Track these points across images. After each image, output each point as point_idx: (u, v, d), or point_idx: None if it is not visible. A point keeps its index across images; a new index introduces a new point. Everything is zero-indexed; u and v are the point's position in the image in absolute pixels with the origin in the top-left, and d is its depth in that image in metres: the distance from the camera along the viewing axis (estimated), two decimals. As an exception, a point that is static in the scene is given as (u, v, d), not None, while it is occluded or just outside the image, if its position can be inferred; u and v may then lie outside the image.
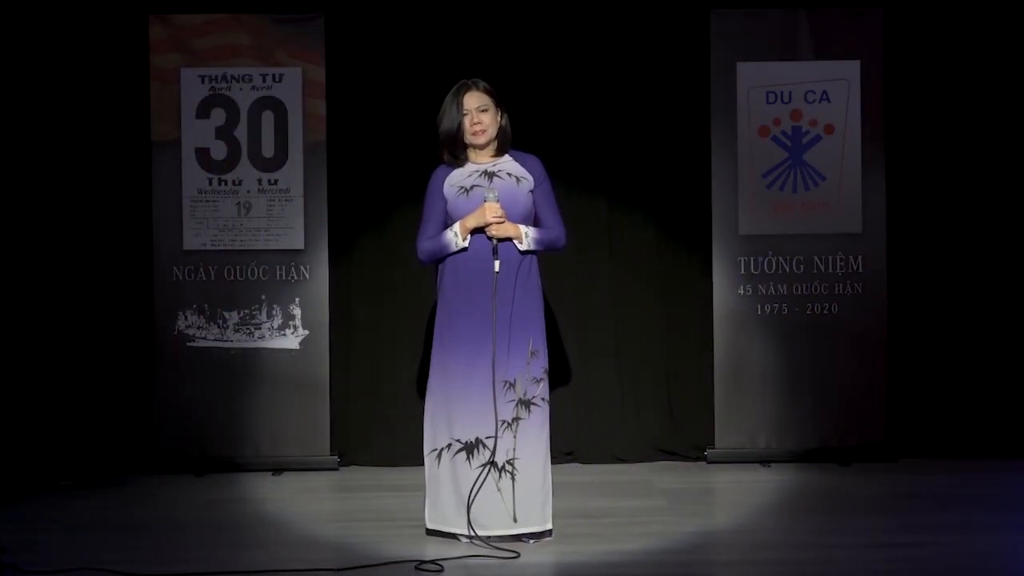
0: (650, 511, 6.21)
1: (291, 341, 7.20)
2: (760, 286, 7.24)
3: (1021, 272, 7.34)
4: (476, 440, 5.47)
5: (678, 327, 7.41)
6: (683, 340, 7.40)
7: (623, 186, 7.38)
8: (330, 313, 7.23)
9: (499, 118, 5.60)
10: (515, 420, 5.48)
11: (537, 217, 5.60)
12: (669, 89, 7.36)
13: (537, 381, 5.52)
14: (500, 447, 5.46)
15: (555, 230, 5.61)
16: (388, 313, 7.35)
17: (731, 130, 7.23)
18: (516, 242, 5.50)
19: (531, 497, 5.49)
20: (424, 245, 5.60)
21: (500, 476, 5.47)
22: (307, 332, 7.20)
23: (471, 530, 5.46)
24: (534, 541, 5.50)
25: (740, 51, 7.22)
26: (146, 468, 7.15)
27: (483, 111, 5.56)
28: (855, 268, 7.22)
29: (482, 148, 5.60)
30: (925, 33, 7.31)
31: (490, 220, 5.45)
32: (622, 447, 7.32)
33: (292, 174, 7.21)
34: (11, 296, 7.25)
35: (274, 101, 7.21)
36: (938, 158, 7.35)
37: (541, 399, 5.53)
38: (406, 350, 7.32)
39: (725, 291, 7.24)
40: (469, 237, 5.49)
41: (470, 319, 5.49)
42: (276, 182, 7.21)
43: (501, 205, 5.47)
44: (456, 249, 5.51)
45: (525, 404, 5.50)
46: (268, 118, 7.21)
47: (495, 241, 5.47)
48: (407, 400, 7.27)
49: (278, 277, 7.21)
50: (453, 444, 5.49)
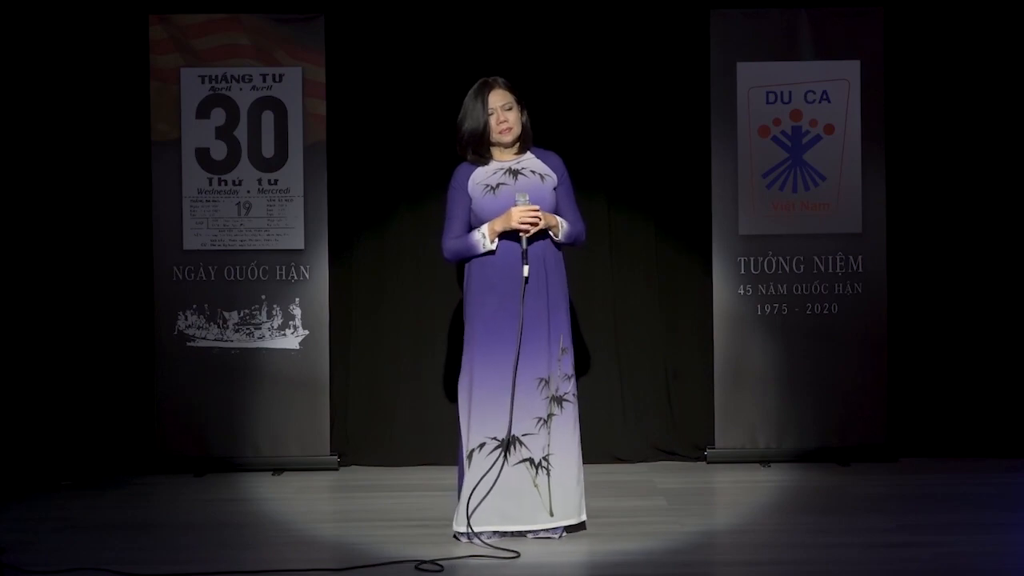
0: (650, 511, 6.21)
1: (291, 341, 7.19)
2: (760, 286, 7.24)
3: (1021, 272, 7.34)
4: (513, 438, 5.48)
5: (678, 327, 7.41)
6: (683, 340, 7.40)
7: (623, 186, 7.38)
8: (330, 313, 7.23)
9: (522, 115, 5.61)
10: (549, 416, 5.51)
11: (559, 214, 5.60)
12: (669, 89, 7.36)
13: (568, 378, 5.55)
14: (535, 444, 5.48)
15: (579, 224, 5.64)
16: (388, 313, 7.35)
17: (731, 130, 7.23)
18: (552, 233, 5.51)
19: (567, 491, 5.52)
20: (450, 244, 5.58)
21: (536, 472, 5.49)
22: (307, 332, 7.19)
23: (470, 528, 5.46)
24: (565, 533, 5.55)
25: (740, 51, 7.22)
26: (146, 468, 7.15)
27: (508, 109, 5.57)
28: (855, 268, 7.22)
29: (508, 146, 5.61)
30: (925, 33, 7.31)
31: (517, 225, 5.42)
32: (622, 447, 7.32)
33: (292, 174, 7.21)
34: (11, 296, 7.26)
35: (274, 101, 7.21)
36: (938, 158, 7.35)
37: (572, 395, 5.56)
38: (406, 350, 7.32)
39: (725, 291, 7.24)
40: (497, 240, 5.49)
41: (499, 321, 5.48)
42: (276, 182, 7.21)
43: (530, 200, 5.46)
44: (483, 251, 5.50)
45: (558, 400, 5.52)
46: (268, 118, 7.20)
47: (524, 245, 5.45)
48: (407, 400, 7.28)
49: (278, 277, 7.21)
50: (487, 443, 5.49)
